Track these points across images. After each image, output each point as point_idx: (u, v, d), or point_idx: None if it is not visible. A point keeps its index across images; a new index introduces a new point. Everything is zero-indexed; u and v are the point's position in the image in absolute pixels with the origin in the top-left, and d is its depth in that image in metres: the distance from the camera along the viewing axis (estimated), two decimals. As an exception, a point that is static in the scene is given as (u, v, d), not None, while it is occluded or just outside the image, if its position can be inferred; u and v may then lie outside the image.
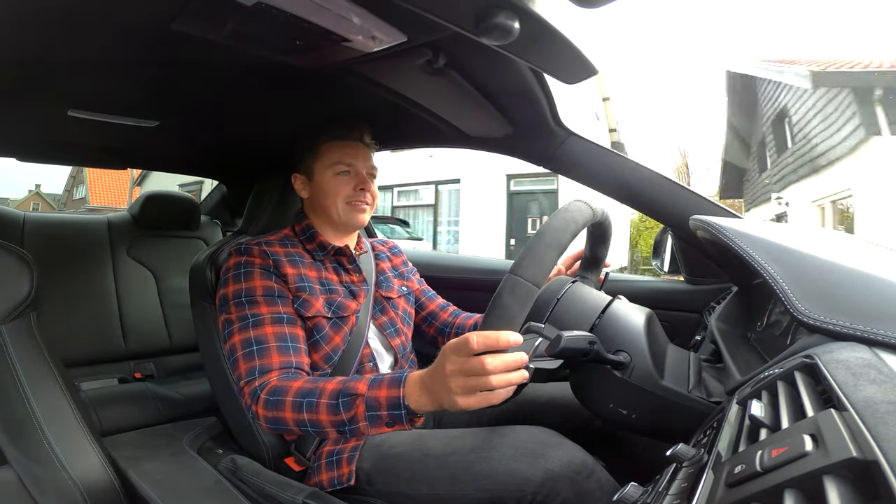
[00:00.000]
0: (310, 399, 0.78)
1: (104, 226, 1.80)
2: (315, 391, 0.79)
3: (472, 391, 0.63)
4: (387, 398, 0.73)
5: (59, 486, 0.79)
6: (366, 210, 1.07)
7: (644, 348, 0.70)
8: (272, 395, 0.82)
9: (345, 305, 1.00)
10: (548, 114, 1.06)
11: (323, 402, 0.77)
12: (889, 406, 0.31)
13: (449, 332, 1.19)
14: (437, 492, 0.79)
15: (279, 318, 0.92)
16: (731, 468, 0.35)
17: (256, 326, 0.90)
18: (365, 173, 1.06)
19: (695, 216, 0.82)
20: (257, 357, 0.88)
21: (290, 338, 0.91)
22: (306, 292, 0.97)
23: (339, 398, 0.76)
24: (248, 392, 0.86)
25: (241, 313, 0.92)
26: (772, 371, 0.48)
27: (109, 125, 1.18)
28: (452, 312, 1.23)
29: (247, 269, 0.96)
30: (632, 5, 27.76)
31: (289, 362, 0.89)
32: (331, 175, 1.04)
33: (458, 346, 0.63)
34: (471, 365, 0.62)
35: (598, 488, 0.73)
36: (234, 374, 0.90)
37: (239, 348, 0.89)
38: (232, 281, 0.95)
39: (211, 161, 1.79)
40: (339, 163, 1.04)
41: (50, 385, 0.87)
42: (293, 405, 0.79)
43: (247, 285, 0.94)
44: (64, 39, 0.76)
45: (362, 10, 0.65)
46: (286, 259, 0.99)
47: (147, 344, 1.76)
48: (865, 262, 0.52)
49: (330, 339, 0.97)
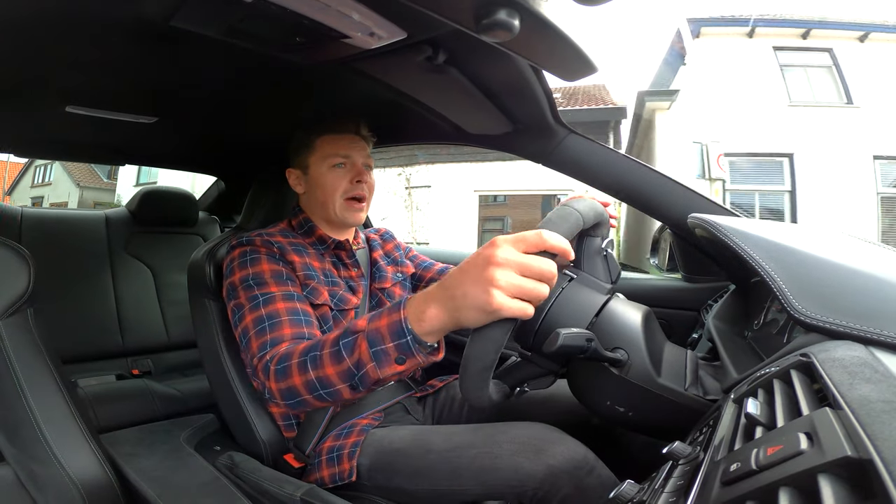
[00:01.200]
0: (313, 353, 0.70)
1: (102, 222, 1.80)
2: (318, 344, 0.71)
3: (518, 292, 0.53)
4: (388, 325, 0.62)
5: (56, 484, 0.79)
6: (363, 209, 1.05)
7: (641, 346, 0.71)
8: (279, 364, 0.75)
9: (346, 299, 1.00)
10: (547, 112, 1.06)
11: (325, 352, 0.69)
12: (884, 405, 0.31)
13: None
14: (438, 487, 0.79)
15: (290, 294, 0.90)
16: (727, 466, 0.35)
17: (267, 304, 0.88)
18: (361, 164, 1.04)
19: (693, 214, 0.82)
20: (269, 332, 0.83)
21: (301, 312, 0.88)
22: (314, 280, 0.96)
23: (340, 342, 0.67)
24: (260, 368, 0.79)
25: (251, 294, 0.89)
26: (768, 369, 0.48)
27: (108, 121, 1.18)
28: None
29: (253, 256, 0.95)
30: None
31: (301, 333, 0.84)
32: (326, 168, 1.03)
33: (522, 236, 0.55)
34: (537, 262, 0.54)
35: (598, 484, 0.74)
36: (248, 356, 0.85)
37: (251, 328, 0.85)
38: (238, 268, 0.94)
39: (209, 157, 1.78)
40: (335, 155, 1.03)
41: (47, 382, 0.86)
42: (299, 367, 0.71)
43: (254, 270, 0.93)
44: (62, 36, 0.76)
45: (362, 6, 0.65)
46: (291, 248, 0.98)
47: (145, 340, 1.76)
48: (863, 261, 0.53)
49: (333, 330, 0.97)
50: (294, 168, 1.08)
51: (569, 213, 0.67)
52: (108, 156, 1.64)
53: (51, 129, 1.30)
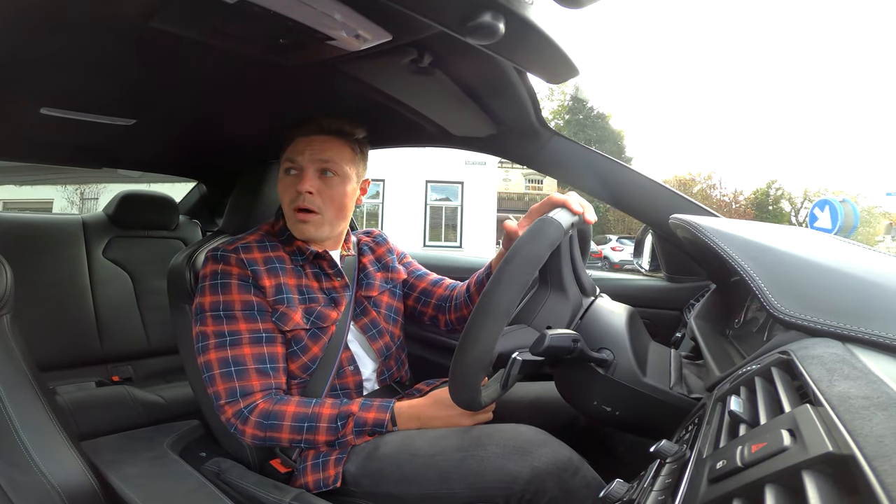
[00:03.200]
0: (310, 423, 0.87)
1: (79, 226, 1.76)
2: (314, 416, 0.88)
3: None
4: (374, 420, 0.88)
5: (37, 491, 0.77)
6: (308, 221, 0.95)
7: (626, 346, 0.72)
8: (267, 419, 0.87)
9: (324, 315, 0.98)
10: (532, 114, 1.07)
11: (322, 425, 0.87)
12: (863, 401, 0.32)
13: (449, 307, 1.12)
14: (425, 491, 0.79)
15: (258, 337, 0.92)
16: (713, 464, 0.35)
17: (234, 346, 0.90)
18: (314, 169, 0.94)
19: (674, 215, 0.83)
20: (236, 378, 0.89)
21: (268, 358, 0.92)
22: (284, 304, 0.94)
23: (338, 421, 0.87)
24: (231, 412, 0.89)
25: (219, 329, 0.91)
26: (749, 367, 0.49)
27: (84, 124, 1.15)
28: (448, 286, 1.14)
29: (224, 281, 0.93)
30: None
31: (269, 384, 0.91)
32: (282, 174, 0.98)
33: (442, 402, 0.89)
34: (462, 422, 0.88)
35: (584, 486, 0.74)
36: (211, 391, 0.91)
37: (216, 366, 0.90)
38: (209, 291, 0.93)
39: (190, 160, 1.75)
40: (286, 159, 0.97)
41: (25, 389, 0.84)
42: (292, 429, 0.87)
43: (224, 298, 0.92)
44: (36, 35, 0.74)
45: (347, 8, 0.64)
46: (265, 268, 0.95)
47: (124, 347, 1.72)
48: (840, 260, 0.54)
49: (308, 349, 0.96)
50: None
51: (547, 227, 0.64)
52: (85, 159, 1.59)
53: (24, 131, 1.26)
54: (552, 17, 0.67)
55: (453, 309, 1.11)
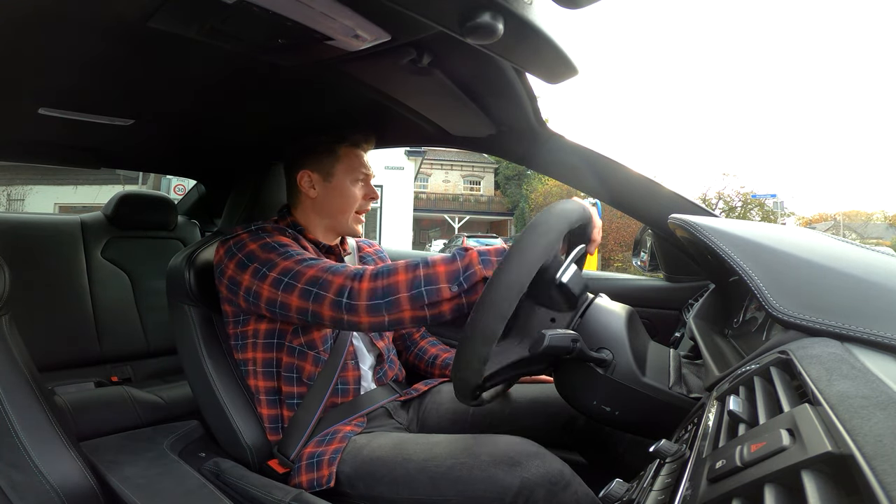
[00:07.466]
0: (424, 258, 0.85)
1: (77, 226, 1.76)
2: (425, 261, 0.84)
3: None
4: (496, 250, 0.82)
5: (37, 492, 0.77)
6: (363, 221, 1.12)
7: (626, 346, 0.72)
8: (380, 269, 0.84)
9: None
10: (531, 114, 1.07)
11: (438, 257, 0.83)
12: (862, 400, 0.32)
13: (412, 349, 1.24)
14: (418, 496, 0.79)
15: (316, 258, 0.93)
16: (713, 463, 0.35)
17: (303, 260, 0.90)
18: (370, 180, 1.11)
19: (673, 215, 0.83)
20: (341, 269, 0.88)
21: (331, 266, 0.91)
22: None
23: (455, 251, 0.83)
24: (347, 275, 0.85)
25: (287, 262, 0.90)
26: (748, 367, 0.49)
27: (83, 123, 1.15)
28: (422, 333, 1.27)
29: (261, 234, 0.96)
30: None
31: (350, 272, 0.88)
32: (350, 182, 1.06)
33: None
34: None
35: (574, 500, 0.73)
36: (331, 291, 0.85)
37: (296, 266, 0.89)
38: (250, 241, 0.94)
39: (188, 160, 1.75)
40: (360, 170, 1.07)
41: (23, 389, 0.84)
42: (406, 267, 0.83)
43: (272, 240, 0.94)
44: (35, 36, 0.74)
45: (346, 8, 0.64)
46: (288, 237, 1.00)
47: (123, 347, 1.72)
48: (838, 260, 0.54)
49: (323, 328, 0.99)
50: (313, 172, 1.06)
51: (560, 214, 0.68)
52: (84, 159, 1.59)
53: (23, 131, 1.26)
54: (551, 18, 0.67)
55: (413, 356, 1.22)
